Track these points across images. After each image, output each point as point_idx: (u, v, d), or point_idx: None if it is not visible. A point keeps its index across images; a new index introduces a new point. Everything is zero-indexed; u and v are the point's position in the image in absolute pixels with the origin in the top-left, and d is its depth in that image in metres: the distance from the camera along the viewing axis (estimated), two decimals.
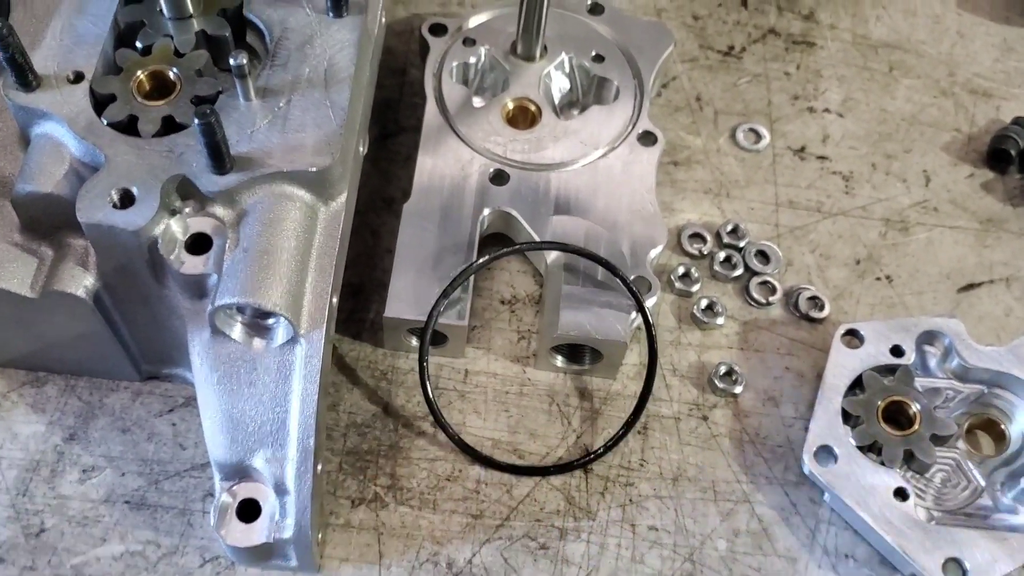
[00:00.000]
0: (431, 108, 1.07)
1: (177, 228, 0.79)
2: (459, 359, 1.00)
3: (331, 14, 0.88)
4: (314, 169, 0.80)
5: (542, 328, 1.00)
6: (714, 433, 0.99)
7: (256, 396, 0.80)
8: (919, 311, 1.07)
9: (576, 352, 0.99)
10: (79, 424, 0.94)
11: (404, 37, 1.22)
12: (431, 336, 0.96)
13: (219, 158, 0.77)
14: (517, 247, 0.99)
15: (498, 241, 1.04)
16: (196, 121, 0.73)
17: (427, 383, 0.93)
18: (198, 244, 0.79)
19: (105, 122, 0.81)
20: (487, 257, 0.97)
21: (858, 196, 1.14)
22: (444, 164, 1.03)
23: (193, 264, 0.79)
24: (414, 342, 0.99)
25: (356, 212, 0.95)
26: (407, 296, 0.95)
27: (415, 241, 0.98)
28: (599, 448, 0.95)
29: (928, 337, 1.00)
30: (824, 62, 1.24)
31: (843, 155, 1.17)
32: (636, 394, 0.97)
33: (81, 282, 0.82)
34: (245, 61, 0.79)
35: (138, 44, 0.86)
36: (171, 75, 0.84)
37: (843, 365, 0.99)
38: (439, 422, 0.94)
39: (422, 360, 0.93)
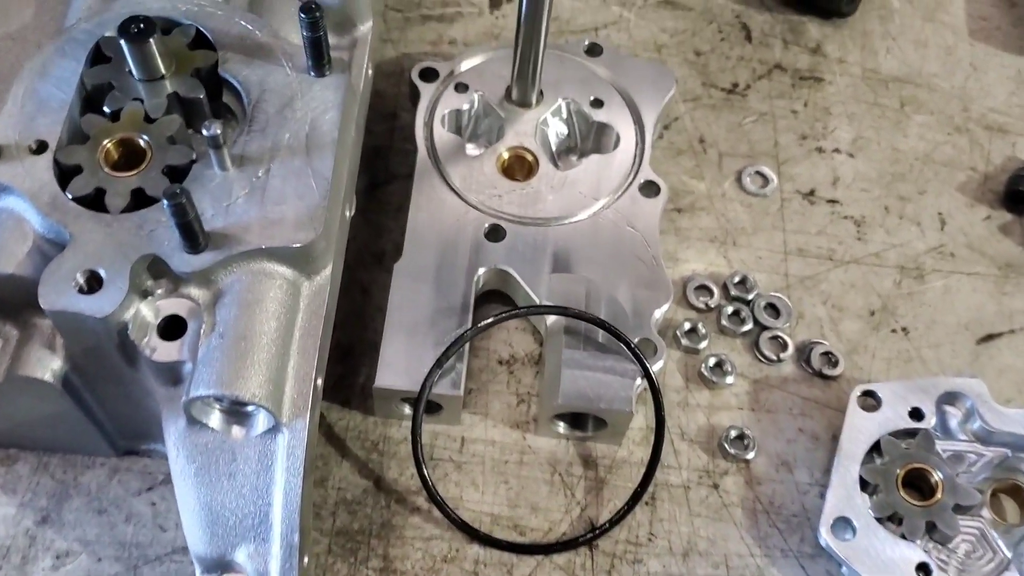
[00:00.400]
0: (422, 158, 1.02)
1: (148, 312, 0.74)
2: (455, 426, 0.95)
3: (312, 73, 0.82)
4: (296, 245, 0.75)
5: (542, 393, 0.95)
6: (725, 503, 0.93)
7: (236, 488, 0.75)
8: (936, 365, 1.02)
9: (579, 419, 0.94)
10: (52, 505, 0.89)
11: (394, 79, 1.16)
12: (424, 405, 0.91)
13: (192, 237, 0.72)
14: (514, 312, 0.94)
15: (494, 299, 0.99)
16: (165, 202, 0.68)
17: (421, 459, 0.88)
18: (171, 328, 0.74)
19: (70, 196, 0.76)
20: (483, 324, 0.92)
21: (871, 242, 1.09)
22: (437, 218, 0.98)
23: (166, 351, 0.73)
24: (407, 410, 0.94)
25: (345, 268, 0.90)
26: (399, 364, 0.90)
27: (407, 303, 0.93)
28: (604, 523, 0.90)
29: (949, 398, 0.95)
30: (833, 98, 1.19)
31: (854, 198, 1.12)
32: (643, 461, 0.92)
33: (48, 365, 0.77)
34: (219, 131, 0.73)
35: (106, 109, 0.80)
36: (141, 143, 0.79)
37: (860, 430, 0.93)
38: (434, 500, 0.88)
39: (415, 434, 0.88)
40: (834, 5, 1.23)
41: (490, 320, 0.92)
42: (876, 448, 0.93)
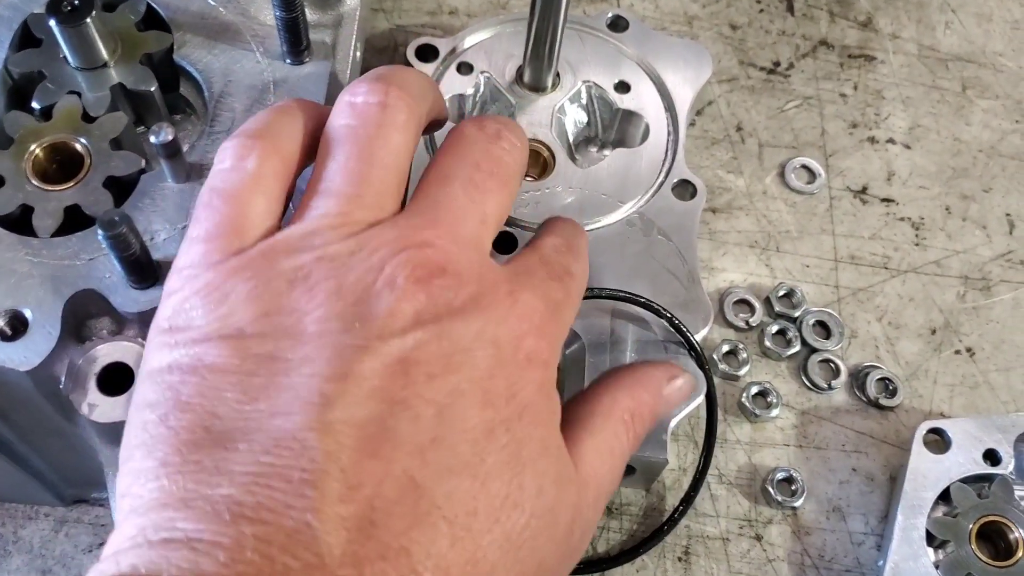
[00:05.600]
0: (420, 153, 0.87)
1: (85, 361, 0.60)
2: None
3: (289, 60, 0.68)
4: None
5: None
6: (770, 557, 0.81)
7: None
8: (1007, 392, 0.89)
9: None
10: None
11: (387, 55, 1.01)
12: None
13: (138, 271, 0.58)
14: None
15: None
16: (100, 234, 0.54)
17: None
18: (114, 380, 0.60)
19: None
20: None
21: (931, 248, 0.95)
22: None
23: (108, 409, 0.60)
24: None
25: None
26: None
27: None
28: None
29: None
30: (886, 80, 1.04)
31: (912, 196, 0.98)
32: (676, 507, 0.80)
33: None
34: (171, 137, 0.59)
35: (35, 104, 0.66)
36: (78, 148, 0.64)
37: (926, 475, 0.81)
38: None
39: None
40: None
41: None
42: (944, 496, 0.81)
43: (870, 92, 1.04)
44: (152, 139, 0.59)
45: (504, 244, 0.81)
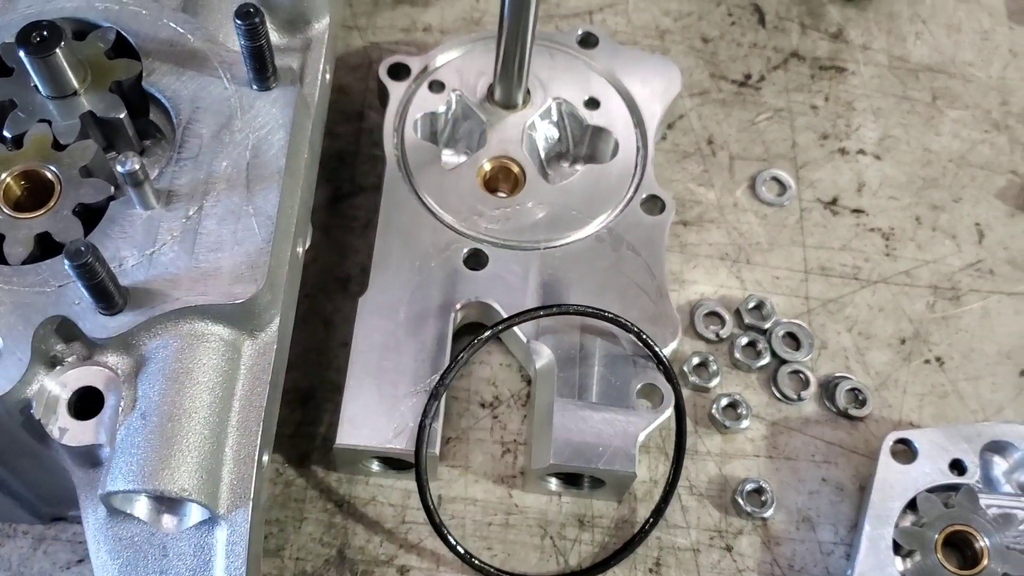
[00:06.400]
0: (392, 170, 0.89)
1: (56, 385, 0.61)
2: (432, 482, 0.83)
3: (255, 86, 0.69)
4: (235, 302, 0.62)
5: (532, 445, 0.83)
6: (740, 567, 0.82)
7: None
8: (975, 401, 0.90)
9: (574, 476, 0.82)
10: None
11: (360, 73, 1.02)
12: (391, 462, 0.80)
13: (106, 298, 0.59)
14: (512, 319, 0.81)
15: (473, 332, 0.87)
16: (68, 264, 0.55)
17: (446, 535, 0.77)
18: (85, 404, 0.62)
19: None
20: (480, 338, 0.80)
21: (901, 258, 0.97)
22: (408, 242, 0.85)
23: (79, 432, 0.61)
24: (375, 466, 0.82)
25: (304, 297, 0.78)
26: (364, 418, 0.78)
27: (373, 346, 0.81)
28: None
29: (995, 446, 0.83)
30: (857, 91, 1.06)
31: (882, 207, 0.99)
32: (646, 519, 0.81)
33: None
34: (137, 167, 0.60)
35: (6, 133, 0.67)
36: (48, 176, 0.66)
37: (893, 485, 0.82)
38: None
39: (427, 506, 0.77)
40: None
41: (486, 334, 0.80)
42: (911, 505, 0.82)
43: (841, 103, 1.05)
44: (119, 168, 0.60)
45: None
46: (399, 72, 0.93)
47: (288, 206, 0.67)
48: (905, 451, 0.83)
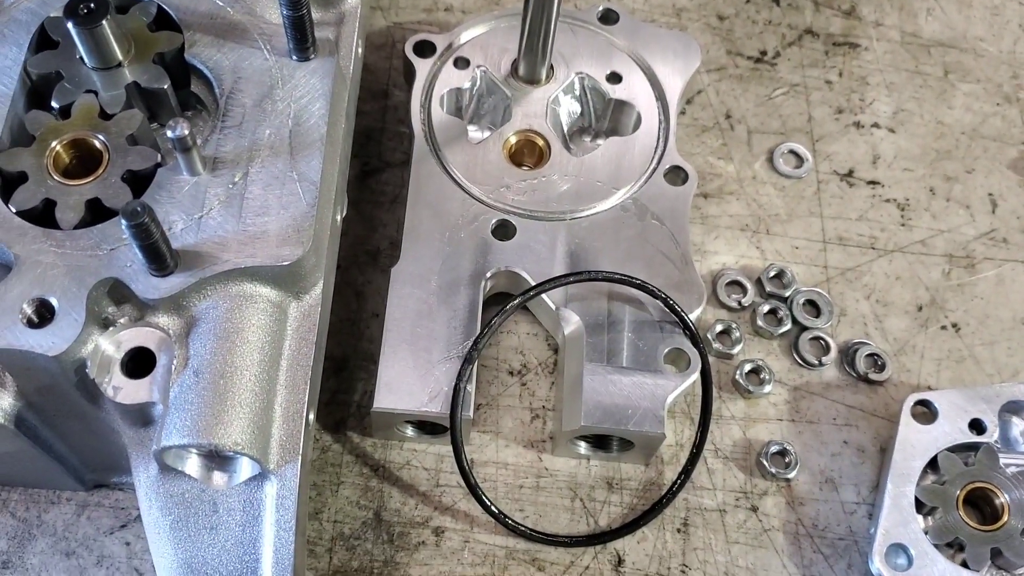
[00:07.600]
0: (420, 145, 0.90)
1: (110, 345, 0.63)
2: (465, 446, 0.85)
3: (295, 57, 0.71)
4: (282, 263, 0.64)
5: (561, 409, 0.85)
6: (765, 527, 0.84)
7: (219, 544, 0.65)
8: (991, 365, 0.92)
9: (603, 438, 0.84)
10: (14, 548, 0.79)
11: (385, 52, 1.04)
12: (425, 427, 0.82)
13: (159, 259, 0.61)
14: (539, 287, 0.83)
15: (501, 303, 0.89)
16: (124, 223, 0.57)
17: (482, 495, 0.79)
18: (138, 363, 0.64)
19: (13, 210, 0.65)
20: (510, 305, 0.82)
21: (916, 228, 0.99)
22: (437, 214, 0.87)
23: (133, 391, 0.63)
24: (410, 431, 0.84)
25: (337, 268, 0.80)
26: (400, 383, 0.80)
27: (406, 314, 0.82)
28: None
29: (1013, 407, 0.85)
30: (870, 67, 1.08)
31: (897, 179, 1.01)
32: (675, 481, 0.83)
33: None
34: (186, 132, 0.62)
35: (54, 104, 0.69)
36: (96, 144, 0.67)
37: (914, 444, 0.84)
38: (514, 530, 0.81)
39: (463, 469, 0.79)
40: None
41: (519, 299, 0.82)
42: (932, 464, 0.84)
43: (855, 78, 1.07)
44: (168, 133, 0.62)
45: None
46: (424, 50, 0.95)
47: (329, 173, 0.69)
48: (925, 412, 0.85)
